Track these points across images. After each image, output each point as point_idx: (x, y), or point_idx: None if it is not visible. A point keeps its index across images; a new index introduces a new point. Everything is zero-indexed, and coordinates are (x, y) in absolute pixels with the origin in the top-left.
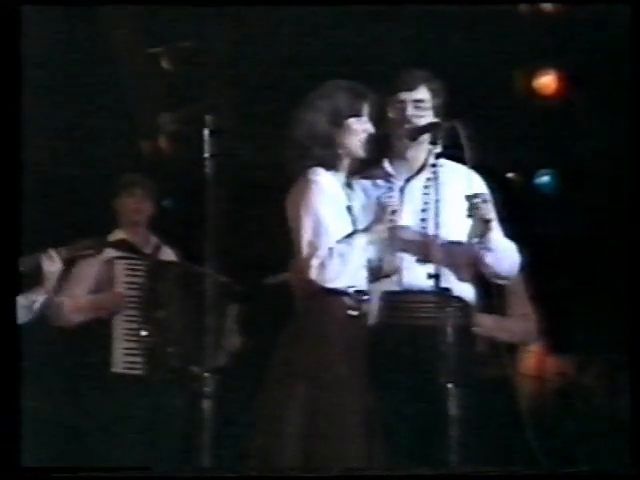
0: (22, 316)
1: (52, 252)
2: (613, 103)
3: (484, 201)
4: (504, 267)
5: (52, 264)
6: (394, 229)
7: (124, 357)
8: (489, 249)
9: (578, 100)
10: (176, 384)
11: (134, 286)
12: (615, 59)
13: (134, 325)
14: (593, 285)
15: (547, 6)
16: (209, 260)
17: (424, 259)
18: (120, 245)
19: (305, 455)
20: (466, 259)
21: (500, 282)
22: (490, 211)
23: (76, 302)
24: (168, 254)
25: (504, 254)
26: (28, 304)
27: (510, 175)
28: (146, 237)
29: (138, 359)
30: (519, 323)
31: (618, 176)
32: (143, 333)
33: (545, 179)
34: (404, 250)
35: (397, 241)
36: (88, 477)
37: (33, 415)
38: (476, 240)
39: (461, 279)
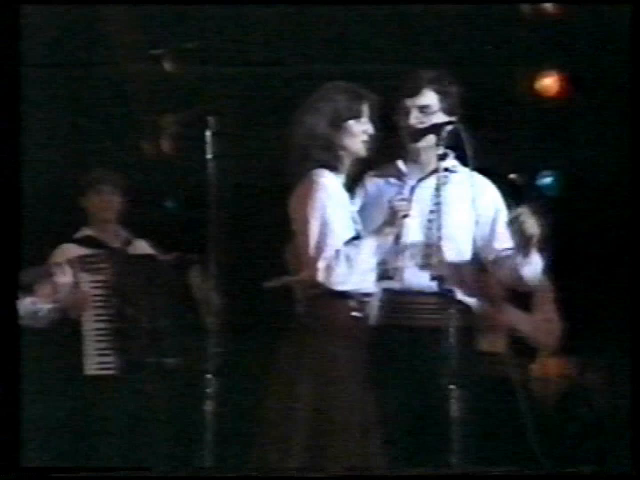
0: (27, 321)
1: (64, 264)
2: (615, 104)
3: (528, 216)
4: (535, 277)
5: (64, 276)
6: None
7: (97, 358)
8: (529, 263)
9: (580, 101)
10: (155, 380)
11: (100, 284)
12: (616, 59)
13: (103, 324)
14: (595, 287)
15: (549, 7)
16: (211, 260)
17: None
18: (85, 242)
19: (307, 455)
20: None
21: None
22: (534, 226)
23: (43, 302)
24: (141, 247)
25: (537, 267)
26: (33, 310)
27: (512, 176)
28: (115, 233)
29: (111, 359)
30: (544, 324)
31: (621, 177)
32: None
33: (547, 180)
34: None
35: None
36: (88, 477)
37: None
38: (519, 254)
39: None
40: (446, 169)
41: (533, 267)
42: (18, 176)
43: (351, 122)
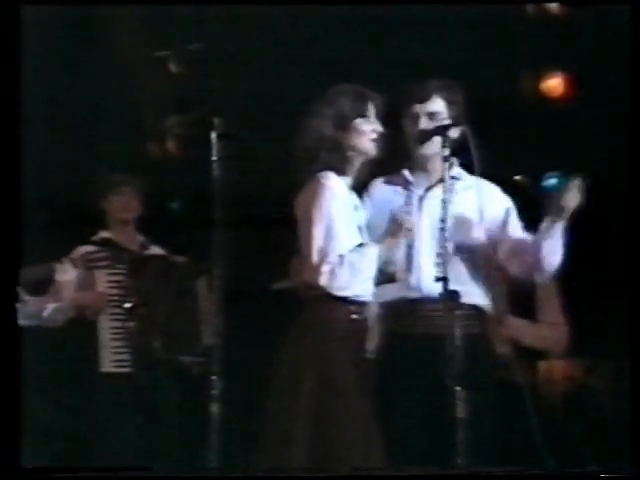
0: (31, 320)
1: (65, 261)
2: (621, 105)
3: (576, 188)
4: (553, 261)
5: (65, 273)
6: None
7: (112, 356)
8: (551, 237)
9: (586, 102)
10: (168, 378)
11: (116, 284)
12: (621, 60)
13: (119, 323)
14: (601, 289)
15: (554, 8)
16: (216, 263)
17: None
18: (103, 244)
19: (310, 458)
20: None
21: (535, 280)
22: (574, 199)
23: (60, 303)
24: (157, 252)
25: (558, 247)
26: (38, 310)
27: (517, 178)
28: (132, 237)
29: (126, 357)
30: (550, 331)
31: (626, 179)
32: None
33: (553, 182)
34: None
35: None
36: (88, 477)
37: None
38: (547, 225)
39: (487, 284)
40: (452, 177)
41: (553, 244)
42: (18, 178)
43: (358, 121)
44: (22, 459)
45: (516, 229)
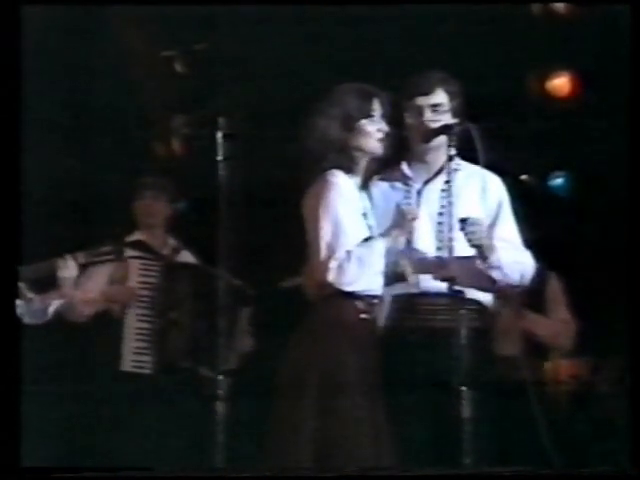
0: (36, 318)
1: (68, 258)
2: (621, 104)
3: (472, 225)
4: (514, 279)
5: (67, 270)
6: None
7: (133, 356)
8: (494, 267)
9: (592, 102)
10: (186, 385)
11: (147, 286)
12: (621, 60)
13: (145, 325)
14: (607, 288)
15: (560, 7)
16: (223, 263)
17: (441, 279)
18: (136, 245)
19: (318, 456)
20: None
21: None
22: (481, 235)
23: (88, 294)
24: (187, 257)
25: (512, 268)
26: (43, 307)
27: (523, 177)
28: (164, 239)
29: (147, 358)
30: (561, 326)
31: (632, 178)
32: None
33: (559, 181)
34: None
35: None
36: (88, 477)
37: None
38: (479, 262)
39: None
40: (453, 169)
41: (502, 271)
42: (19, 177)
43: (364, 122)
44: (22, 459)
45: (507, 223)
